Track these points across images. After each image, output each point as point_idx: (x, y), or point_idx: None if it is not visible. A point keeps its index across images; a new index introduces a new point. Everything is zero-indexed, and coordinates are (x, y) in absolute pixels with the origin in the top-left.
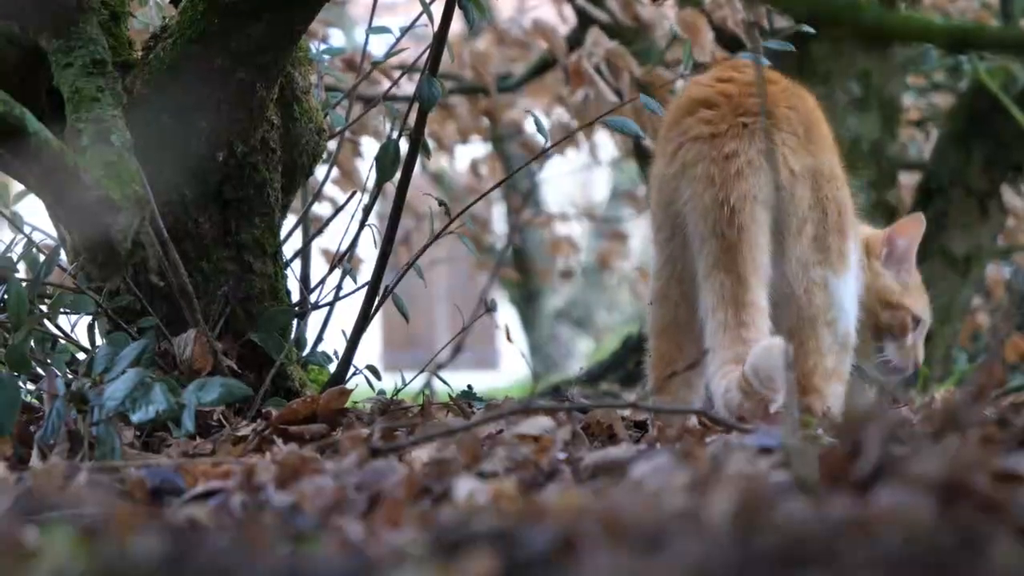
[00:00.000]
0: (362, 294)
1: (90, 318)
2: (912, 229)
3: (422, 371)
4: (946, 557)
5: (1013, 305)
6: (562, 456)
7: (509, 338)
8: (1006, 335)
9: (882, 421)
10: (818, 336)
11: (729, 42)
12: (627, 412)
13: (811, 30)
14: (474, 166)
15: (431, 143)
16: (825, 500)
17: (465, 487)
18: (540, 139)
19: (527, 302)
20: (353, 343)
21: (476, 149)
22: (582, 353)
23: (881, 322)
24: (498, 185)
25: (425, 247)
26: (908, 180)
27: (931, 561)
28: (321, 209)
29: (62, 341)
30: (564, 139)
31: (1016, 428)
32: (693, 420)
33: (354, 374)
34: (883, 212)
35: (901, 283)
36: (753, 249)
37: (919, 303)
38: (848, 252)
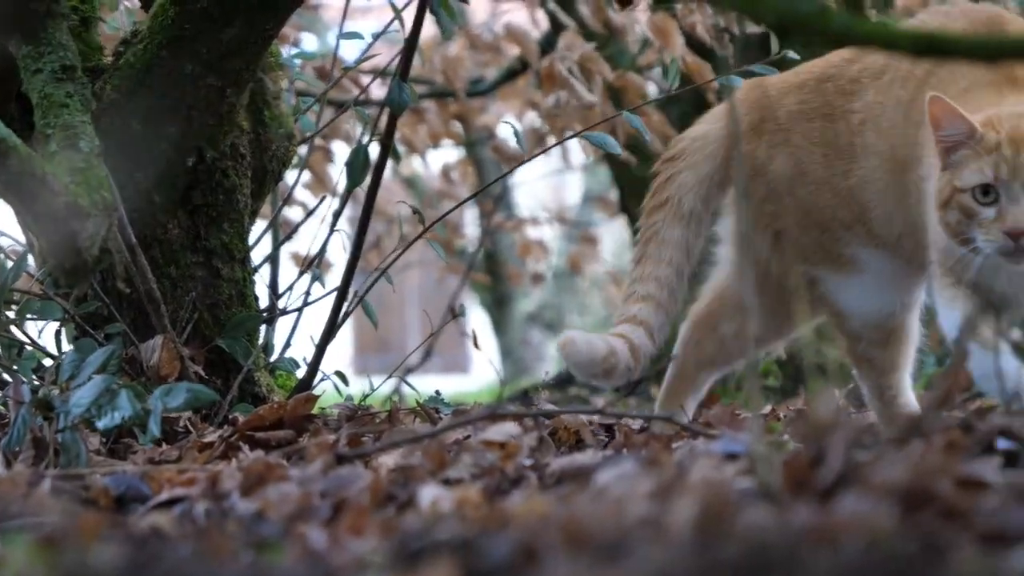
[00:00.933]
0: (331, 300)
1: (57, 324)
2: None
3: (390, 376)
4: (907, 564)
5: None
6: (528, 462)
7: (476, 344)
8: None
9: (846, 427)
10: None
11: (700, 48)
12: (596, 417)
13: (794, 55)
14: (446, 171)
15: (402, 148)
16: (788, 507)
17: (429, 494)
18: (513, 142)
19: (498, 306)
20: (321, 349)
21: (449, 153)
22: (553, 357)
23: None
24: (473, 196)
25: (397, 255)
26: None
27: (892, 569)
28: (292, 214)
29: (29, 347)
30: (541, 151)
31: (980, 433)
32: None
33: (322, 380)
34: None
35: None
36: None
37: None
38: None
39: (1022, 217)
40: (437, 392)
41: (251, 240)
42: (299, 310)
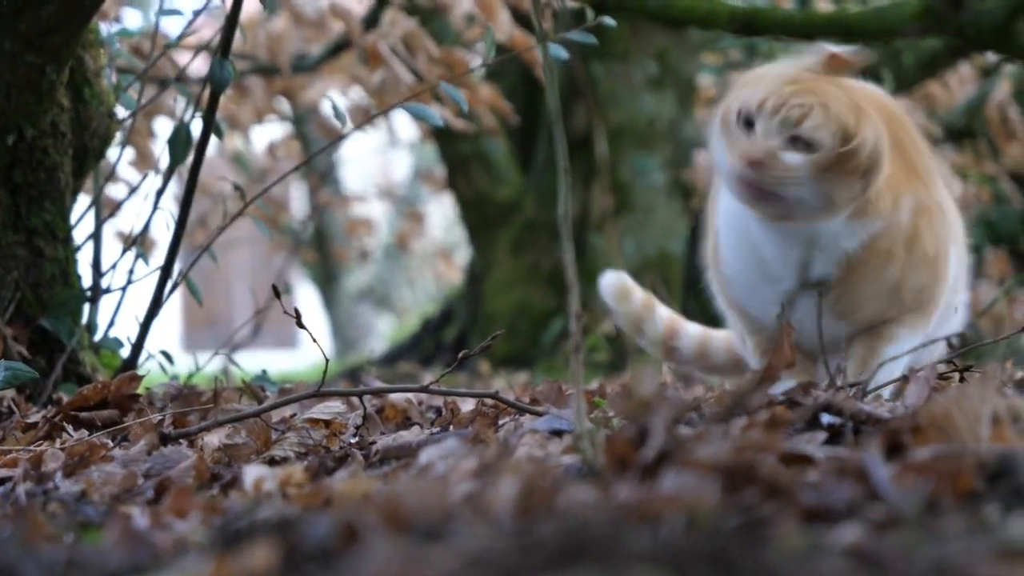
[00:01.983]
0: (155, 278)
1: None
2: None
3: (215, 354)
4: (729, 541)
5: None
6: (354, 440)
7: (300, 323)
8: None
9: (668, 404)
10: None
11: (527, 21)
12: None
13: (611, 22)
14: (271, 148)
15: (226, 125)
16: (610, 485)
17: (253, 474)
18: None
19: (327, 282)
20: (145, 328)
21: (275, 130)
22: (383, 333)
23: None
24: (295, 169)
25: (218, 232)
26: (705, 159)
27: (713, 546)
28: (115, 191)
29: None
30: (361, 124)
31: (804, 409)
32: None
33: (147, 359)
34: (679, 191)
35: None
36: None
37: None
38: None
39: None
40: (263, 370)
41: (73, 219)
42: (123, 289)
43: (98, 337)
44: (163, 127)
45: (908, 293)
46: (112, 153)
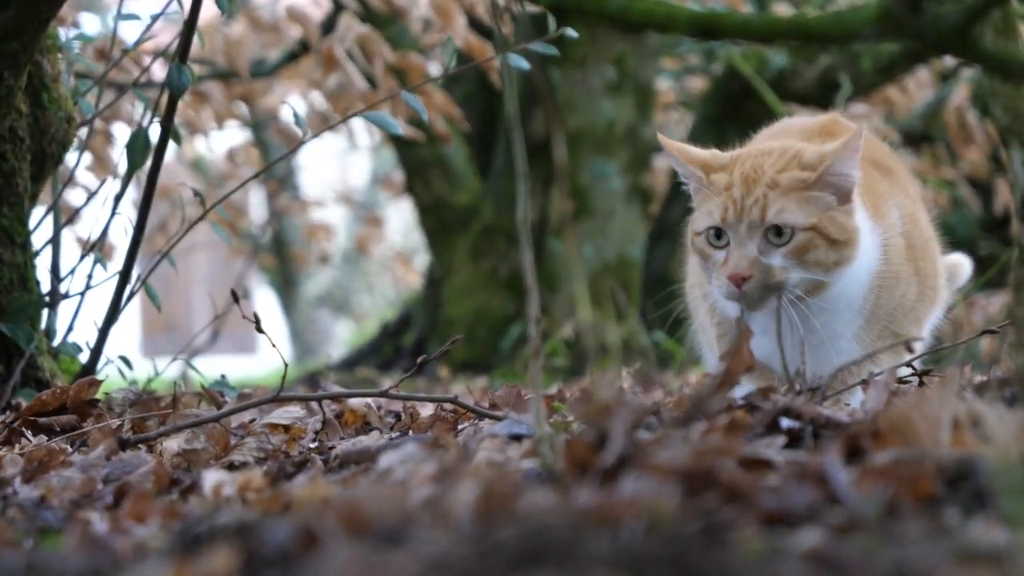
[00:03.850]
0: (114, 283)
1: None
2: None
3: (174, 359)
4: (688, 545)
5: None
6: (313, 445)
7: (259, 328)
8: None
9: (628, 408)
10: None
11: (484, 28)
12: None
13: (573, 33)
14: (231, 154)
15: (185, 130)
16: (570, 489)
17: (212, 479)
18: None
19: (286, 287)
20: (104, 333)
21: (234, 135)
22: (342, 337)
23: None
24: (255, 176)
25: (178, 238)
26: (663, 164)
27: (672, 550)
28: (73, 197)
29: None
30: (321, 131)
31: (764, 413)
32: None
33: (106, 364)
34: (638, 195)
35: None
36: None
37: None
38: None
39: (743, 262)
40: (222, 376)
41: (32, 224)
42: (81, 294)
43: (57, 342)
44: (121, 132)
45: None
46: (70, 158)
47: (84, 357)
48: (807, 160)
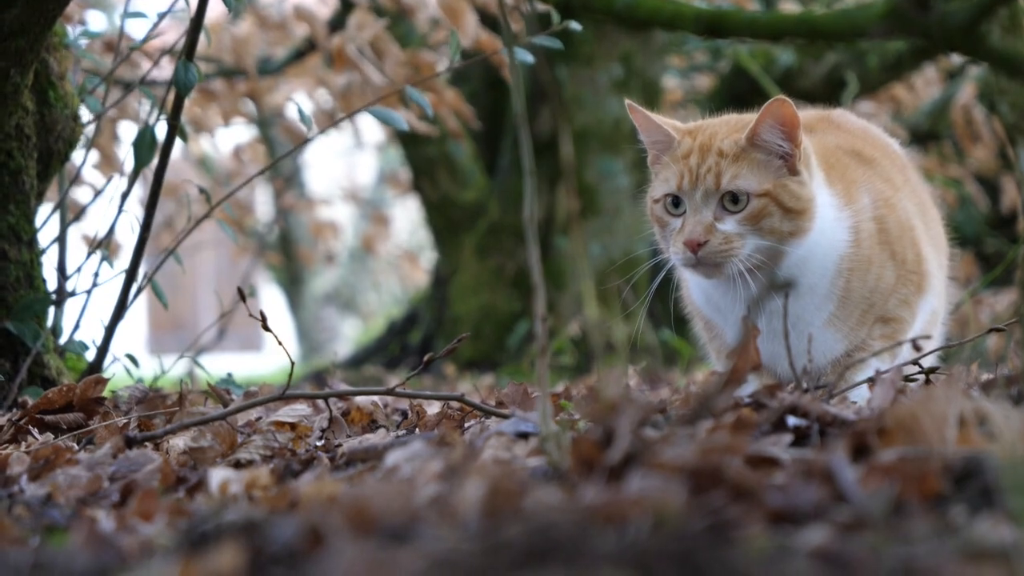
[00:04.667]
0: (120, 281)
1: None
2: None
3: (180, 357)
4: (694, 543)
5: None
6: (319, 443)
7: (266, 326)
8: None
9: (635, 406)
10: None
11: (494, 24)
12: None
13: (576, 26)
14: (237, 152)
15: (191, 128)
16: (576, 487)
17: (219, 476)
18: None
19: (293, 285)
20: (110, 331)
21: (240, 133)
22: (348, 335)
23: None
24: (260, 173)
25: (184, 236)
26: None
27: (679, 548)
28: (80, 195)
29: None
30: (327, 128)
31: (770, 411)
32: None
33: (112, 362)
34: (645, 193)
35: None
36: None
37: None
38: None
39: (698, 228)
40: (229, 374)
41: (38, 221)
42: (88, 292)
43: (63, 340)
44: (128, 130)
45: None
46: (77, 156)
47: (91, 355)
48: (740, 125)
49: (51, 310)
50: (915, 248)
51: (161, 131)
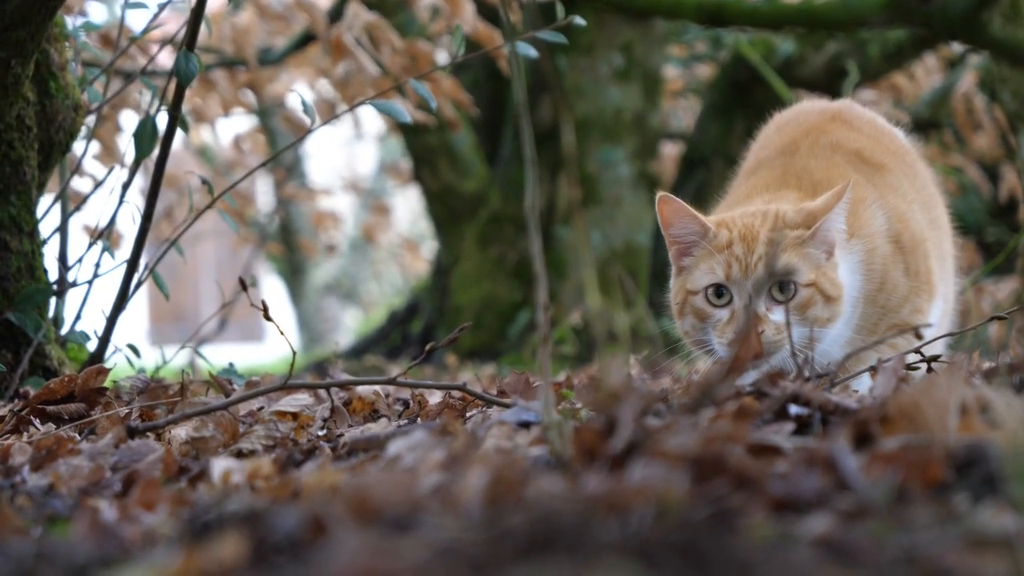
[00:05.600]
0: (122, 272)
1: None
2: None
3: (181, 347)
4: (697, 532)
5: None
6: (321, 433)
7: (267, 316)
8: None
9: (637, 395)
10: None
11: (492, 15)
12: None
13: (581, 21)
14: (237, 142)
15: (192, 118)
16: (579, 476)
17: (221, 466)
18: (302, 111)
19: (294, 275)
20: (112, 321)
21: (241, 122)
22: (349, 325)
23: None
24: (263, 165)
25: (186, 226)
26: (671, 150)
27: (682, 537)
28: (81, 185)
29: None
30: (329, 119)
31: (773, 399)
32: None
33: (114, 352)
34: (645, 182)
35: None
36: None
37: None
38: None
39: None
40: (230, 364)
41: (39, 212)
42: (89, 282)
43: (65, 331)
44: (129, 120)
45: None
46: (78, 146)
47: (92, 345)
48: (794, 218)
49: (52, 300)
50: (926, 261)
51: (162, 121)
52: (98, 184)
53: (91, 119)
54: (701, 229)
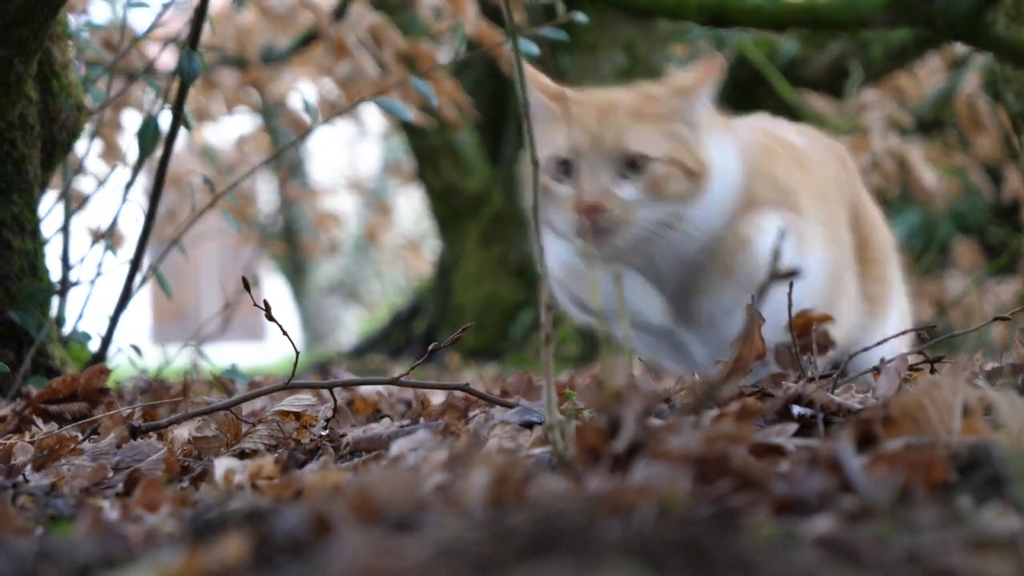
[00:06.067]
0: (124, 271)
1: None
2: None
3: (183, 347)
4: (700, 532)
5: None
6: (324, 433)
7: (270, 315)
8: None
9: (640, 395)
10: None
11: (495, 15)
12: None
13: (583, 18)
14: (240, 141)
15: (194, 117)
16: (583, 476)
17: (224, 466)
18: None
19: (296, 275)
20: (114, 321)
21: (244, 122)
22: (352, 325)
23: None
24: (265, 163)
25: (187, 226)
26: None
27: (685, 537)
28: (84, 184)
29: None
30: (331, 117)
31: (776, 400)
32: None
33: (116, 352)
34: None
35: None
36: None
37: None
38: None
39: (595, 193)
40: (233, 364)
41: (42, 211)
42: (92, 282)
43: (67, 330)
44: (132, 120)
45: None
46: (81, 146)
47: (94, 345)
48: (663, 94)
49: (55, 300)
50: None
51: (165, 121)
52: (101, 183)
53: (94, 118)
54: (553, 97)
